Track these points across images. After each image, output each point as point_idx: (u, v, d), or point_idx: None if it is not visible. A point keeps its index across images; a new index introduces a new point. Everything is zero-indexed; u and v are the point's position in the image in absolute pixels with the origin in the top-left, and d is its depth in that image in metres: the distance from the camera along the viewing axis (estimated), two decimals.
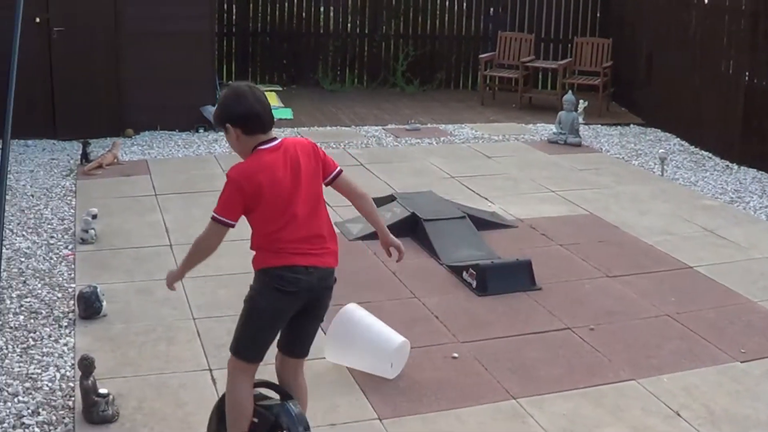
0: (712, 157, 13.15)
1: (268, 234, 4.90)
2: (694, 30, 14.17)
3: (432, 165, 11.96)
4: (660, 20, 15.23)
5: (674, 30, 14.72)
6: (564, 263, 8.64)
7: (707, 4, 13.72)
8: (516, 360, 6.66)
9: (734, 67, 13.28)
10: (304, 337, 5.15)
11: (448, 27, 18.08)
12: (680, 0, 14.51)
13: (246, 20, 17.32)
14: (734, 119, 12.99)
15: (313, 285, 4.90)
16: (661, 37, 15.16)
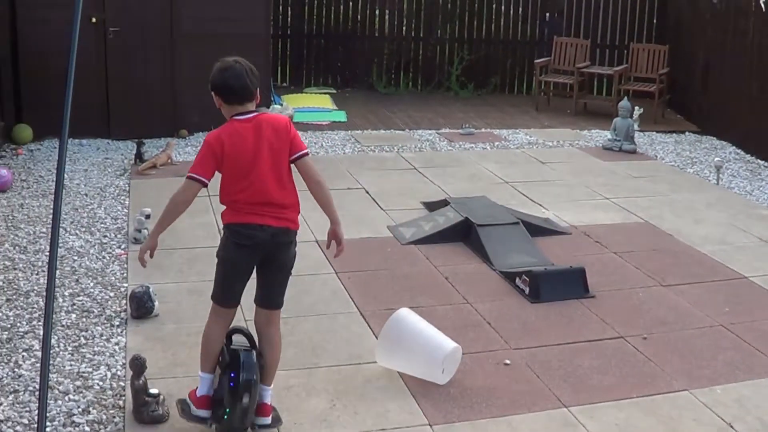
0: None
1: (230, 194, 5.49)
2: (752, 38, 14.03)
3: (486, 170, 11.91)
4: (717, 27, 15.10)
5: (731, 37, 14.58)
6: (618, 271, 8.56)
7: (765, 11, 13.57)
8: (568, 368, 6.60)
9: None
10: (269, 288, 5.67)
11: (503, 31, 18.04)
12: (738, 7, 14.37)
13: (301, 22, 17.37)
14: None
15: (266, 241, 5.43)
16: (717, 45, 15.03)
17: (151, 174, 11.09)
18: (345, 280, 7.98)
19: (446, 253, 8.74)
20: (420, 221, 9.47)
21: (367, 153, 12.67)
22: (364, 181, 11.11)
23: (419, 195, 10.57)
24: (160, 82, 13.01)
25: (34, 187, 10.54)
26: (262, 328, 5.73)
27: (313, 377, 6.28)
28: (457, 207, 9.46)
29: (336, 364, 6.50)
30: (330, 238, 5.94)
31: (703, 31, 15.65)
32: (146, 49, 12.89)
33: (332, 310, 7.39)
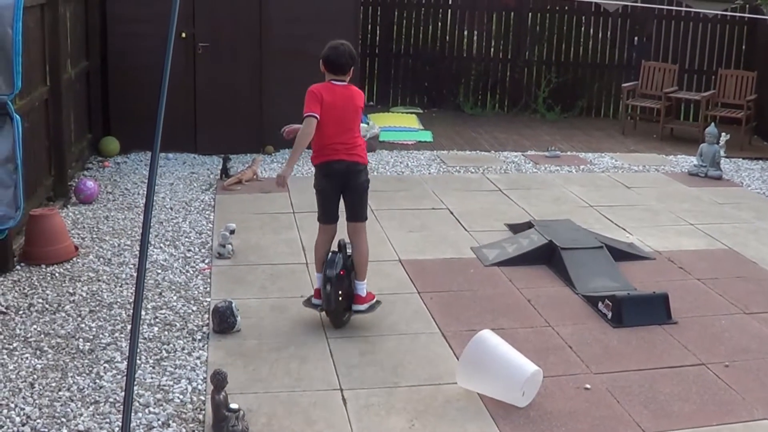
0: None
1: (321, 139, 7.32)
2: None
3: (570, 193, 11.87)
4: None
5: None
6: (701, 298, 8.47)
7: None
8: (649, 394, 6.55)
9: None
10: (352, 206, 7.53)
11: (591, 55, 17.98)
12: None
13: (389, 42, 17.47)
14: None
15: (343, 170, 7.36)
16: None
17: (236, 189, 11.21)
18: (427, 300, 7.99)
19: (529, 275, 8.72)
20: (503, 243, 9.46)
21: (452, 173, 12.68)
22: (449, 201, 11.12)
23: (503, 217, 10.56)
24: (248, 98, 13.14)
25: (119, 199, 10.70)
26: (351, 237, 7.57)
27: (393, 396, 6.30)
28: (541, 230, 9.44)
29: (416, 383, 6.51)
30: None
31: None
32: (235, 64, 13.04)
33: (414, 330, 7.40)
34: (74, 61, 11.52)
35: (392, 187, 11.71)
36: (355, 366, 6.71)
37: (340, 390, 6.36)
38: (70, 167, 11.02)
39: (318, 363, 6.75)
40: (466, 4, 17.64)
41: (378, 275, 8.51)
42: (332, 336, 7.21)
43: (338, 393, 6.32)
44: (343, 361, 6.79)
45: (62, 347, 6.86)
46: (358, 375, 6.58)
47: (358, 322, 7.46)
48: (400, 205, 10.89)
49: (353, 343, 7.08)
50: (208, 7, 12.80)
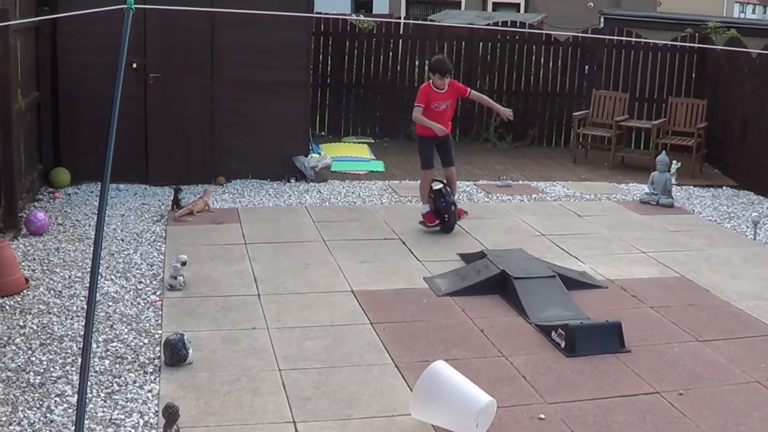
0: None
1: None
2: None
3: (522, 222, 11.90)
4: (756, 82, 15.07)
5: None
6: (654, 326, 8.50)
7: None
8: (603, 423, 6.55)
9: None
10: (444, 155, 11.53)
11: (542, 84, 18.06)
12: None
13: (341, 72, 17.45)
14: None
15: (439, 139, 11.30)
16: (756, 100, 14.99)
17: (187, 221, 11.14)
18: (380, 331, 7.96)
19: (482, 305, 8.72)
20: (456, 273, 9.46)
21: (404, 203, 12.68)
22: (401, 231, 11.11)
23: (456, 247, 10.56)
24: (200, 129, 13.10)
25: (70, 231, 10.60)
26: (448, 178, 11.53)
27: (347, 428, 6.27)
28: (494, 259, 9.44)
29: (370, 415, 6.47)
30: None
31: (741, 85, 15.63)
32: (186, 95, 12.99)
33: (367, 361, 7.36)
34: (25, 92, 11.42)
35: (344, 217, 11.69)
36: (308, 398, 6.67)
37: (293, 423, 6.31)
38: (20, 198, 10.90)
39: (270, 395, 6.70)
40: (417, 34, 17.68)
41: (330, 306, 8.49)
42: (285, 368, 7.16)
43: (291, 426, 6.28)
44: (296, 393, 6.74)
45: (12, 381, 6.77)
46: (311, 407, 6.54)
47: (310, 352, 7.42)
48: (352, 235, 10.86)
49: (306, 375, 7.03)
50: (159, 37, 12.75)
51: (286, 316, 8.22)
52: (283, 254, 9.99)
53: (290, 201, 12.44)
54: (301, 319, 8.16)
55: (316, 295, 8.79)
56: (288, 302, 8.56)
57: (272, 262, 9.73)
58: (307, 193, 12.88)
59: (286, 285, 9.03)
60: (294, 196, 12.67)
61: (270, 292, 8.80)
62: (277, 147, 13.36)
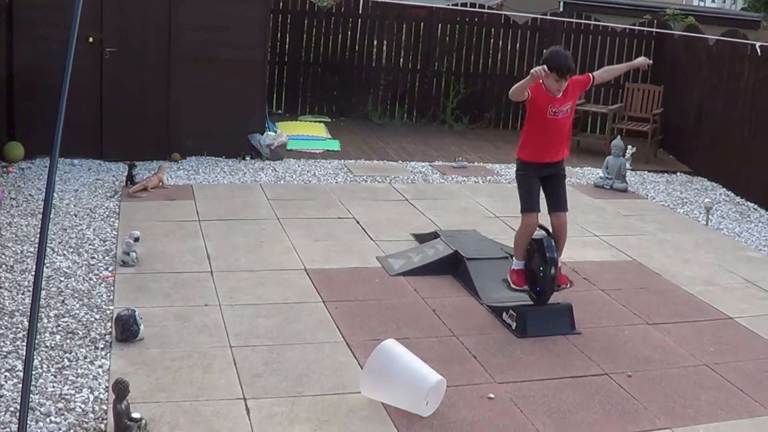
0: (758, 209, 13.08)
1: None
2: (746, 81, 14.11)
3: (477, 204, 11.93)
4: (712, 69, 15.19)
5: (726, 80, 14.67)
6: (605, 309, 8.57)
7: (761, 55, 13.65)
8: (552, 403, 6.60)
9: None
10: (554, 193, 8.01)
11: (500, 66, 18.09)
12: (734, 51, 14.45)
13: (299, 50, 17.37)
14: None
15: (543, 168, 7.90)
16: (712, 87, 15.11)
17: (141, 197, 11.08)
18: (332, 310, 7.96)
19: (434, 285, 8.74)
20: (409, 253, 9.48)
21: (359, 183, 12.68)
22: (355, 210, 11.11)
23: (409, 227, 10.58)
24: (156, 105, 13.01)
25: (23, 205, 10.52)
26: (554, 225, 8.02)
27: (297, 406, 6.26)
28: (447, 240, 9.47)
29: (320, 393, 6.48)
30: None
31: (698, 72, 15.74)
32: (143, 71, 12.90)
33: (318, 339, 7.36)
34: None
35: (299, 196, 11.67)
36: (259, 375, 6.66)
37: (243, 399, 6.30)
38: None
39: (222, 372, 6.69)
40: (376, 15, 17.64)
41: (283, 284, 8.48)
42: (236, 345, 7.15)
43: (242, 402, 6.26)
44: (247, 370, 6.73)
45: None
46: (262, 384, 6.53)
47: (262, 330, 7.42)
48: (306, 214, 10.84)
49: (257, 352, 7.03)
50: (116, 11, 12.63)
51: (239, 293, 8.21)
52: (236, 232, 9.96)
53: (245, 179, 12.40)
54: (254, 296, 8.15)
55: (269, 273, 8.78)
56: (241, 279, 8.55)
57: (226, 239, 9.71)
58: (262, 171, 12.85)
59: (239, 262, 9.01)
60: (249, 174, 12.63)
61: (223, 269, 8.78)
62: (233, 124, 13.30)
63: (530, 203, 7.89)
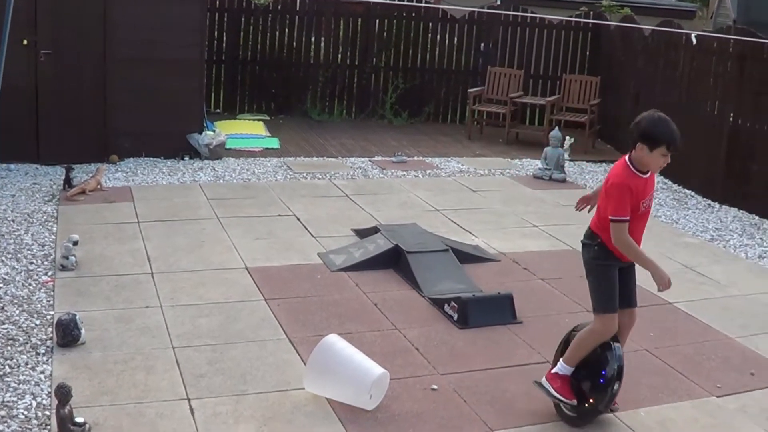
0: (695, 196, 13.24)
1: None
2: (682, 71, 14.27)
3: (417, 198, 11.97)
4: (648, 60, 15.35)
5: (662, 70, 14.83)
6: (545, 297, 8.65)
7: (696, 45, 13.80)
8: (494, 392, 6.66)
9: (719, 108, 13.39)
10: (628, 286, 6.38)
11: (438, 60, 18.12)
12: (669, 41, 14.60)
13: (236, 48, 17.30)
14: (717, 159, 13.10)
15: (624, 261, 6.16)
16: (648, 77, 15.26)
17: (79, 200, 10.98)
18: (274, 307, 7.96)
19: (376, 279, 8.77)
20: (350, 248, 9.49)
21: (299, 180, 12.67)
22: (295, 208, 11.10)
23: (350, 222, 10.59)
24: (92, 107, 12.89)
25: None
26: (626, 323, 6.40)
27: (242, 404, 6.26)
28: (388, 234, 9.50)
29: (264, 390, 6.48)
30: None
31: (634, 63, 15.89)
32: (79, 72, 12.78)
33: (261, 337, 7.36)
34: None
35: (239, 194, 11.64)
36: (203, 375, 6.65)
37: (187, 400, 6.29)
38: None
39: (165, 373, 6.67)
40: (313, 11, 17.60)
41: (224, 283, 8.47)
42: (179, 345, 7.13)
43: (185, 403, 6.26)
44: (190, 370, 6.72)
45: None
46: (206, 384, 6.52)
47: (204, 330, 7.41)
48: (246, 212, 10.82)
49: (200, 352, 7.01)
50: (50, 13, 12.49)
51: (180, 293, 8.18)
52: (176, 232, 9.92)
53: (184, 179, 12.34)
54: (195, 296, 8.12)
55: (210, 273, 8.76)
56: (182, 280, 8.52)
57: (166, 240, 9.67)
58: (201, 170, 12.79)
59: (179, 263, 8.98)
60: (188, 174, 12.57)
61: (163, 270, 8.74)
62: (171, 125, 13.21)
63: (615, 301, 6.19)
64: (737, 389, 7.00)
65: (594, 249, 6.16)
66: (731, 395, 6.89)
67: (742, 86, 12.85)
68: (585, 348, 6.19)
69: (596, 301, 6.17)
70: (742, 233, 11.39)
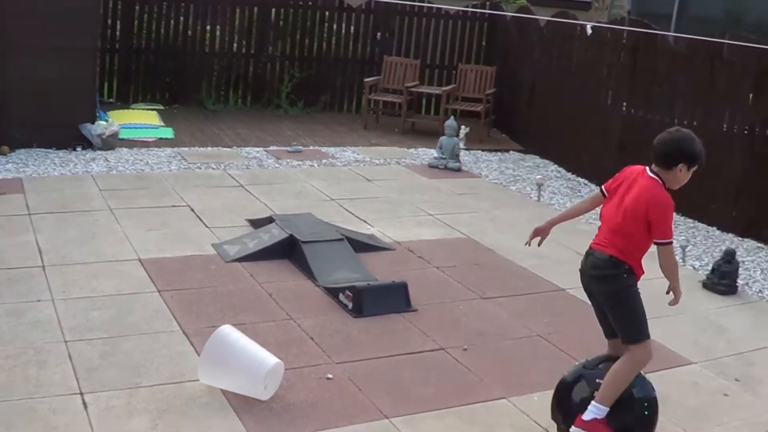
0: (588, 183, 13.46)
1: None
2: (576, 61, 14.47)
3: (312, 187, 11.96)
4: (543, 50, 15.52)
5: (556, 61, 15.01)
6: (440, 285, 8.72)
7: (590, 36, 13.99)
8: (390, 380, 6.69)
9: (613, 98, 13.62)
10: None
11: (334, 50, 18.11)
12: (564, 32, 14.78)
13: (130, 37, 17.08)
14: (610, 147, 13.31)
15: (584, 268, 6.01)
16: (543, 67, 15.45)
17: None
18: (168, 299, 7.90)
19: (271, 270, 8.75)
20: (245, 238, 9.46)
21: (194, 170, 12.56)
22: (189, 198, 11.01)
23: (245, 212, 10.55)
24: None
25: None
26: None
27: (135, 397, 6.21)
28: (282, 224, 9.48)
29: (158, 383, 6.43)
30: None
31: (530, 53, 16.05)
32: None
33: (154, 329, 7.30)
34: None
35: (132, 185, 11.50)
36: (95, 368, 6.58)
37: (80, 394, 6.22)
38: None
39: (57, 368, 6.57)
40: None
41: (117, 275, 8.38)
42: (71, 339, 7.03)
43: (78, 397, 6.18)
44: (83, 364, 6.64)
45: None
46: (99, 377, 6.46)
47: (96, 323, 7.32)
48: (139, 203, 10.70)
49: (92, 345, 6.93)
50: None
51: (72, 286, 8.08)
52: (68, 224, 9.78)
53: (76, 170, 12.15)
54: (88, 289, 8.03)
55: (103, 265, 8.66)
56: (74, 273, 8.40)
57: (57, 232, 9.53)
58: (93, 161, 12.61)
59: (72, 255, 8.86)
60: (80, 165, 12.38)
61: (55, 262, 8.62)
62: (63, 115, 12.98)
63: (647, 326, 5.85)
64: None
65: (624, 278, 5.80)
66: None
67: (635, 77, 13.08)
68: (626, 382, 5.81)
69: (636, 330, 5.80)
70: None
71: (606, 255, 5.79)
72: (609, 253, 5.78)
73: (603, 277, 5.85)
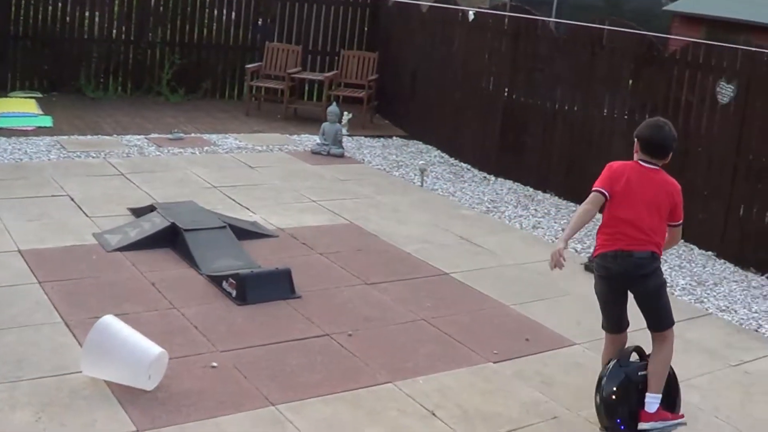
0: (471, 169, 13.59)
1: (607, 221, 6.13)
2: (458, 47, 14.58)
3: (194, 175, 11.89)
4: (425, 36, 15.60)
5: (439, 47, 15.11)
6: (323, 272, 8.75)
7: (471, 22, 14.12)
8: (275, 367, 6.70)
9: (494, 84, 13.76)
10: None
11: (215, 36, 17.96)
12: (446, 18, 14.88)
13: (6, 23, 16.73)
14: (492, 133, 13.48)
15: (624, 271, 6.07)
16: (426, 53, 15.52)
17: None
18: (49, 290, 7.79)
19: (153, 259, 8.68)
20: (126, 228, 9.37)
21: (73, 159, 12.37)
22: (69, 187, 10.85)
23: (126, 201, 10.44)
24: None
25: None
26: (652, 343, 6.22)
27: (17, 391, 6.12)
28: (164, 212, 9.42)
29: (41, 376, 6.34)
30: None
31: (412, 39, 16.12)
32: None
33: (36, 321, 7.19)
34: None
35: (10, 175, 11.28)
36: None
37: None
38: None
39: None
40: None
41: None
42: None
43: None
44: None
45: None
46: None
47: None
48: (18, 194, 10.50)
49: None
50: None
51: None
52: None
53: None
54: None
55: None
56: None
57: None
58: None
59: None
60: None
61: None
62: None
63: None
64: (513, 355, 7.28)
65: (660, 271, 6.16)
66: (507, 361, 7.17)
67: (516, 62, 13.25)
68: (668, 366, 6.21)
69: (671, 315, 6.22)
70: (516, 205, 11.77)
71: (647, 252, 6.01)
72: (650, 250, 6.01)
73: (649, 274, 6.05)
